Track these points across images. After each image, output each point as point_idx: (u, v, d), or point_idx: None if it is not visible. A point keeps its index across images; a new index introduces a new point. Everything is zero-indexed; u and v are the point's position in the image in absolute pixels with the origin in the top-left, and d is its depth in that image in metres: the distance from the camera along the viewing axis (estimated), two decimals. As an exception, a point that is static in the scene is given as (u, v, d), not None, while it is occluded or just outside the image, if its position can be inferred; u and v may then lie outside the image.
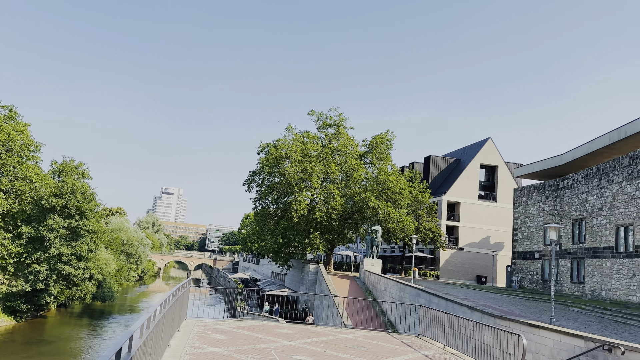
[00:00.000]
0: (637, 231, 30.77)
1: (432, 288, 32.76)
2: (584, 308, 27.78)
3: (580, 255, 36.77)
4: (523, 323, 13.70)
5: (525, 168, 48.16)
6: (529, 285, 43.72)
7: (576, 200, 38.21)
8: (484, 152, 63.72)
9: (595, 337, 10.84)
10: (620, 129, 34.74)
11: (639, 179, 31.05)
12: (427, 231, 54.01)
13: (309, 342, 13.51)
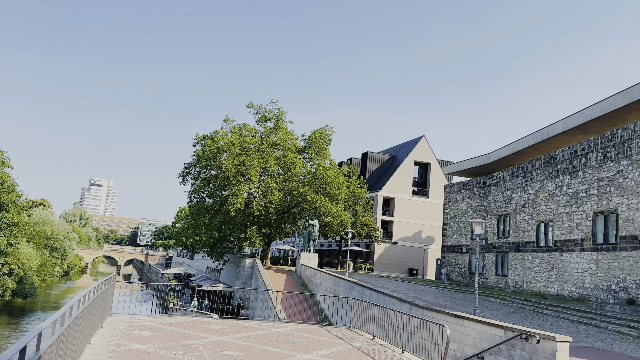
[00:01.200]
0: (556, 227, 32.85)
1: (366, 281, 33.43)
2: (507, 299, 29.36)
3: (505, 249, 38.81)
4: (448, 314, 14.24)
5: (456, 166, 50.12)
6: (457, 277, 45.64)
7: (501, 197, 40.23)
8: (418, 149, 65.72)
9: (513, 327, 11.42)
10: (542, 130, 36.90)
11: (559, 178, 33.14)
12: (363, 226, 55.02)
13: (240, 337, 13.35)
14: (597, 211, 28.94)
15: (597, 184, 29.25)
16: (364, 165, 69.09)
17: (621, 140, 27.66)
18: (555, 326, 19.22)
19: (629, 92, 28.39)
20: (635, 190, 26.13)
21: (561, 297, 30.25)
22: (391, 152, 72.55)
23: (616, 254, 27.02)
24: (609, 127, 31.72)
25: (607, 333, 17.87)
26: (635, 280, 25.36)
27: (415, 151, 65.58)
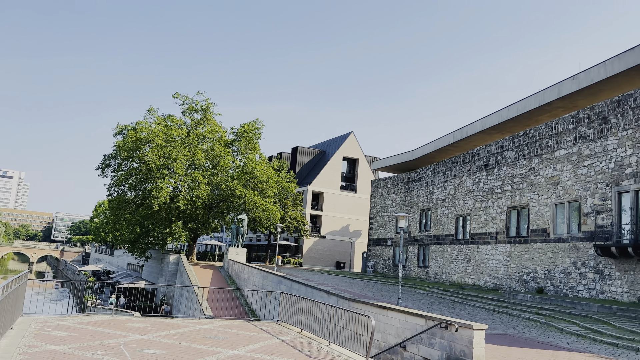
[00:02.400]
0: (473, 221, 34.72)
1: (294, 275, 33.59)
2: (428, 290, 30.68)
3: (426, 242, 40.49)
4: (373, 305, 14.62)
5: (382, 162, 51.54)
6: (382, 269, 47.05)
7: (424, 192, 41.91)
8: (346, 145, 66.87)
9: (434, 316, 11.94)
10: (462, 129, 38.79)
11: (476, 174, 35.03)
12: (293, 220, 55.20)
13: (164, 335, 12.94)
14: (511, 206, 30.92)
15: (511, 180, 31.23)
16: (294, 159, 69.27)
17: (533, 140, 29.69)
18: (472, 315, 20.34)
19: (540, 95, 30.51)
20: (545, 187, 28.18)
21: (478, 287, 32.07)
22: (321, 147, 73.28)
23: (527, 246, 29.03)
24: (522, 127, 33.93)
25: (518, 320, 19.17)
26: (544, 270, 27.41)
27: (344, 147, 66.68)
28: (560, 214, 26.97)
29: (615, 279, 22.78)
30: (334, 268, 59.50)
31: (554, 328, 16.91)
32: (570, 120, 26.90)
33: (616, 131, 23.73)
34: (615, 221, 23.17)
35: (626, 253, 21.76)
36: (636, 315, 18.06)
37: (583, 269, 24.70)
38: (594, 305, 20.39)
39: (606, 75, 25.47)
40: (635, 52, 23.64)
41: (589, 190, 24.90)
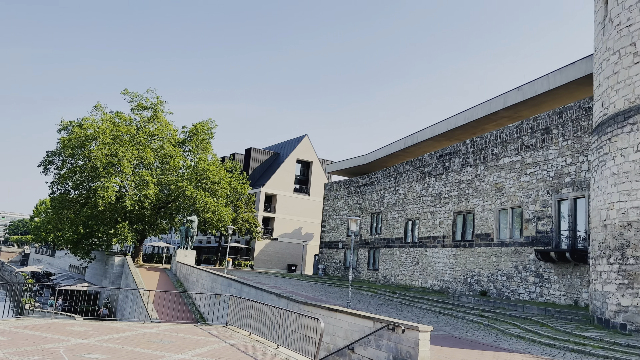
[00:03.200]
0: (422, 225, 35.55)
1: (245, 278, 33.26)
2: (377, 292, 31.14)
3: (377, 245, 41.11)
4: (323, 308, 14.69)
5: (336, 165, 51.96)
6: (333, 272, 47.37)
7: (375, 196, 42.56)
8: (300, 147, 66.96)
9: (382, 318, 12.12)
10: (413, 136, 39.69)
11: (426, 180, 35.91)
12: (245, 222, 54.65)
13: (107, 339, 12.49)
14: (457, 211, 31.88)
15: (457, 186, 32.21)
16: (248, 161, 68.69)
17: (479, 148, 30.76)
18: (418, 317, 20.80)
19: (487, 105, 31.66)
20: (489, 193, 29.24)
21: (425, 290, 32.84)
22: (275, 149, 73.02)
23: (472, 250, 30.01)
24: (469, 135, 35.09)
25: (463, 322, 19.77)
26: (487, 273, 28.40)
27: (299, 149, 66.74)
28: (503, 220, 28.05)
29: (554, 282, 23.91)
30: (286, 271, 59.36)
31: (496, 330, 17.55)
32: (515, 129, 28.06)
33: (557, 141, 24.95)
34: (555, 227, 24.34)
35: (564, 258, 22.88)
36: (572, 317, 19.02)
37: (524, 272, 25.77)
38: (533, 308, 21.32)
39: (549, 87, 26.74)
40: (576, 66, 24.96)
41: (530, 197, 26.04)
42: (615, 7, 17.76)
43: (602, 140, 17.76)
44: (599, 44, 18.94)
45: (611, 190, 16.82)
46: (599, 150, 17.95)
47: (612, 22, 17.82)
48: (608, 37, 18.06)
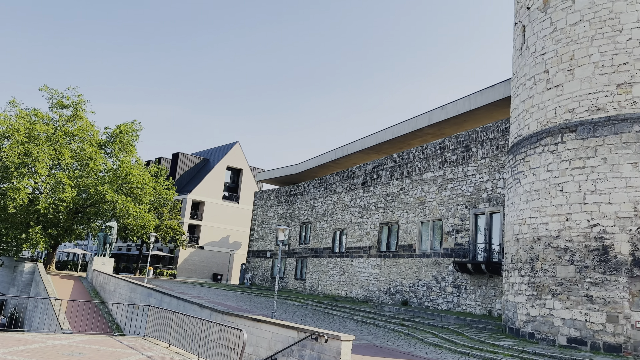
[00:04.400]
0: (349, 235, 36.13)
1: (166, 287, 32.10)
2: (303, 302, 31.17)
3: (305, 255, 41.25)
4: (247, 318, 14.48)
5: (266, 173, 51.71)
6: (260, 282, 46.90)
7: (305, 205, 42.77)
8: (231, 154, 66.01)
9: (305, 328, 12.14)
10: (343, 147, 40.40)
11: (354, 191, 36.61)
12: (169, 229, 52.83)
13: (11, 352, 11.55)
14: (383, 222, 32.74)
15: (384, 198, 33.12)
16: (174, 166, 66.65)
17: (405, 162, 31.86)
18: (342, 326, 21.04)
19: (413, 122, 32.90)
20: (413, 206, 30.30)
21: (350, 299, 33.32)
22: (204, 155, 71.45)
23: (396, 260, 30.89)
24: (396, 149, 36.27)
25: (385, 331, 20.23)
26: (409, 283, 29.32)
27: (229, 156, 65.74)
28: (425, 232, 29.15)
29: (470, 293, 25.11)
30: (211, 280, 57.99)
31: (415, 339, 18.11)
32: (438, 146, 29.35)
33: (476, 159, 26.37)
34: (472, 240, 25.62)
35: (480, 269, 24.12)
36: (486, 327, 20.04)
37: (443, 283, 26.87)
38: (451, 317, 22.24)
39: (470, 107, 28.27)
40: (495, 89, 26.59)
41: (450, 211, 27.27)
42: (531, 35, 19.16)
43: (516, 160, 18.98)
44: (516, 69, 20.31)
45: (523, 206, 17.99)
46: (514, 169, 19.16)
47: (529, 50, 19.19)
48: (525, 63, 19.42)
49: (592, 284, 15.34)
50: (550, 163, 17.09)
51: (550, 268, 16.49)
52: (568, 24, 17.52)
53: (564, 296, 15.91)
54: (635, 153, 15.25)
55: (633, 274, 14.68)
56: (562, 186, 16.51)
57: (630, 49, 15.99)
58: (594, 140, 16.03)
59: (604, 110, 16.08)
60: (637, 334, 14.40)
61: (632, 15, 16.13)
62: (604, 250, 15.24)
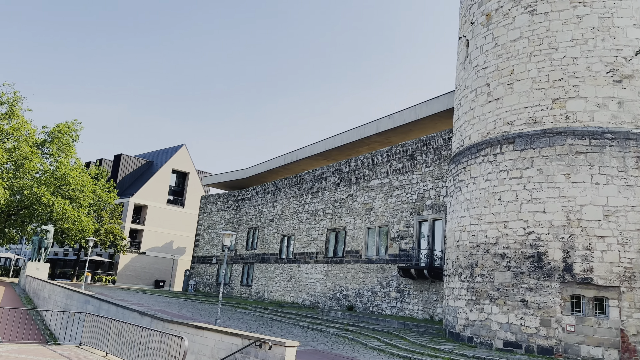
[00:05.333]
0: (297, 241, 36.10)
1: (105, 294, 30.86)
2: (249, 308, 30.81)
3: (252, 261, 40.82)
4: (189, 325, 14.14)
5: (214, 177, 50.88)
6: (204, 288, 45.97)
7: (253, 210, 42.39)
8: (177, 157, 64.45)
9: (249, 335, 11.98)
10: (293, 153, 40.41)
11: (303, 197, 36.65)
12: (109, 234, 50.87)
13: None
14: (331, 228, 32.97)
15: (332, 204, 33.36)
16: (116, 168, 64.29)
17: (353, 169, 32.26)
18: (288, 332, 20.95)
19: (361, 129, 33.40)
20: (360, 212, 30.69)
21: (296, 305, 33.25)
22: (148, 158, 69.37)
23: (342, 266, 31.14)
24: (345, 156, 36.68)
25: (329, 337, 20.31)
26: (355, 289, 29.62)
27: (175, 159, 64.14)
28: (371, 238, 29.59)
29: (413, 297, 25.68)
30: (153, 287, 56.25)
31: (359, 343, 18.29)
32: (385, 154, 29.94)
33: (420, 167, 27.09)
34: (416, 246, 26.25)
35: (422, 275, 24.72)
36: (427, 331, 20.54)
37: (387, 288, 27.34)
38: (394, 322, 22.64)
39: (416, 117, 29.04)
40: (440, 100, 27.45)
41: (396, 218, 27.83)
42: (474, 50, 19.94)
43: (458, 169, 19.64)
44: (459, 82, 21.06)
45: (464, 214, 18.63)
46: (455, 178, 19.82)
47: (472, 63, 19.96)
48: (467, 77, 20.17)
49: (527, 289, 16.06)
50: (489, 173, 17.80)
51: (488, 274, 17.13)
52: (509, 40, 18.38)
53: (501, 301, 16.57)
54: (568, 165, 16.15)
55: (565, 280, 15.50)
56: (500, 195, 17.23)
57: (565, 66, 16.96)
58: (530, 152, 16.85)
59: (540, 124, 16.94)
60: (568, 336, 15.20)
61: (567, 35, 17.13)
62: (539, 257, 16.01)
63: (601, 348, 14.82)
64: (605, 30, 16.76)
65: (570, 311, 15.38)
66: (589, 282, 15.22)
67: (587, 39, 16.84)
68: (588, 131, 16.13)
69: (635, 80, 16.34)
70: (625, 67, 16.43)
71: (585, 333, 15.05)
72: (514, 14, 18.37)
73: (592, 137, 16.05)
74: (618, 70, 16.44)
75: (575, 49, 16.90)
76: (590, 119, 16.29)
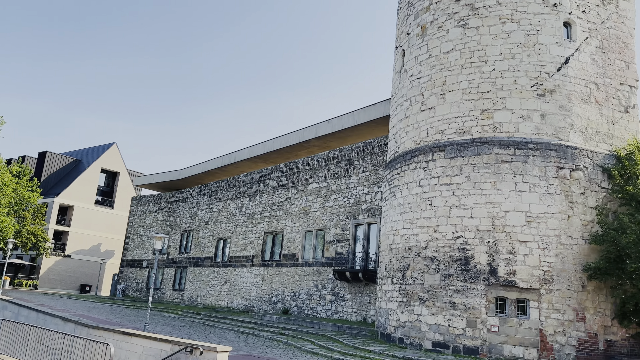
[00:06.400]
0: (233, 244, 35.58)
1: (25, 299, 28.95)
2: (180, 314, 29.98)
3: (185, 264, 39.78)
4: (116, 332, 13.57)
5: (146, 178, 49.17)
6: (134, 293, 44.25)
7: (188, 213, 41.36)
8: (107, 156, 61.65)
9: (179, 341, 11.68)
10: (231, 155, 39.84)
11: (240, 199, 36.21)
12: (31, 235, 47.75)
13: None
14: (268, 231, 32.77)
15: (270, 207, 33.20)
16: (41, 166, 60.56)
17: (292, 172, 32.28)
18: (220, 337, 20.57)
19: (301, 133, 33.50)
20: (298, 215, 30.74)
21: (231, 310, 32.74)
22: (76, 156, 65.88)
23: (279, 269, 31.03)
24: (284, 159, 36.63)
25: (264, 341, 20.14)
26: (291, 292, 29.59)
27: (104, 158, 61.31)
28: (308, 241, 29.71)
29: (348, 300, 26.02)
30: (78, 292, 53.44)
31: (293, 347, 18.28)
32: (323, 158, 30.20)
33: (357, 172, 27.56)
34: (351, 249, 26.63)
35: (357, 278, 25.11)
36: (360, 333, 20.87)
37: (323, 291, 27.53)
38: (329, 325, 22.83)
39: (354, 123, 29.52)
40: (377, 107, 28.07)
41: (333, 221, 28.13)
42: (410, 60, 20.58)
43: (393, 175, 20.16)
44: (395, 90, 21.65)
45: (397, 218, 19.13)
46: (390, 183, 20.33)
47: (407, 73, 20.58)
48: (403, 86, 20.77)
49: (455, 291, 16.72)
50: (421, 179, 18.40)
51: (419, 276, 17.68)
52: (442, 52, 19.12)
53: (431, 303, 17.15)
54: (494, 173, 17.01)
55: (489, 282, 16.28)
56: (432, 200, 17.86)
57: (494, 79, 17.87)
58: (459, 160, 17.59)
59: (470, 133, 17.74)
60: (492, 337, 15.96)
61: (496, 49, 18.06)
62: (466, 260, 16.72)
63: (522, 347, 15.68)
64: (530, 46, 17.83)
65: (494, 312, 16.17)
66: (512, 285, 16.08)
67: (514, 54, 17.85)
68: (513, 141, 17.07)
69: (556, 94, 17.49)
70: (548, 82, 17.55)
71: (508, 333, 15.87)
72: (447, 27, 19.14)
73: (516, 147, 17.00)
74: (541, 84, 17.53)
75: (503, 62, 17.86)
76: (515, 129, 17.25)
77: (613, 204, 17.18)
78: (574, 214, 16.63)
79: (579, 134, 17.39)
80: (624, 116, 18.48)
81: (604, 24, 18.83)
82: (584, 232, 16.64)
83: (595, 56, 18.35)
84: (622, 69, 18.85)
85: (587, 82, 17.97)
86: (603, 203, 17.06)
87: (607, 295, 16.56)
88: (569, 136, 17.23)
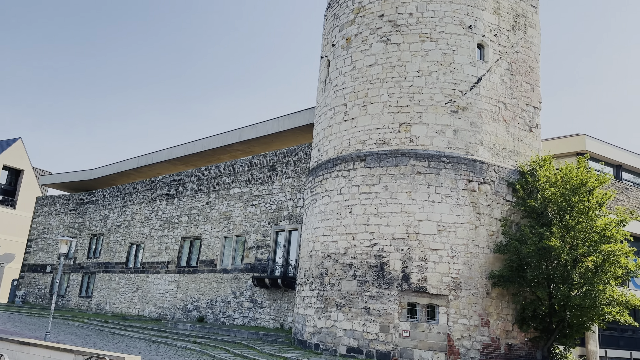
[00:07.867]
0: (147, 249, 34.12)
1: None
2: (87, 322, 28.25)
3: (93, 270, 37.57)
4: (12, 341, 12.51)
5: (53, 177, 46.03)
6: (35, 300, 41.11)
7: (98, 215, 39.16)
8: (10, 152, 56.85)
9: (84, 351, 11.00)
10: (148, 155, 38.27)
11: (156, 203, 34.85)
12: None
13: None
14: (186, 236, 31.79)
15: (188, 212, 32.24)
16: None
17: (213, 176, 31.61)
18: (130, 346, 19.61)
19: (224, 136, 32.94)
20: (218, 220, 30.12)
21: (142, 318, 31.30)
22: (-27, 150, 60.19)
23: (195, 276, 30.16)
24: (205, 162, 35.77)
25: (176, 350, 19.45)
26: (207, 300, 28.86)
27: (7, 154, 56.48)
28: (228, 247, 29.18)
29: (266, 307, 25.83)
30: (-30, 298, 48.64)
31: (207, 355, 17.82)
32: (246, 163, 29.89)
33: (280, 178, 27.55)
34: (272, 256, 26.50)
35: (276, 284, 25.01)
36: (277, 340, 20.79)
37: (241, 298, 27.13)
38: (245, 332, 22.51)
39: (278, 129, 29.51)
40: (302, 115, 28.27)
41: (254, 227, 27.86)
42: (334, 70, 20.97)
43: (315, 182, 20.37)
44: (320, 99, 21.95)
45: (318, 225, 19.34)
46: (312, 190, 20.53)
47: (332, 83, 20.95)
48: (327, 95, 21.11)
49: (370, 297, 17.15)
50: (342, 187, 18.76)
51: (337, 282, 17.95)
52: (365, 64, 19.68)
53: (347, 308, 17.46)
54: (410, 183, 17.71)
55: (402, 289, 16.88)
56: (351, 208, 18.25)
57: (412, 94, 18.65)
58: (379, 170, 18.15)
59: (389, 144, 18.36)
60: (404, 341, 16.52)
61: (414, 65, 18.88)
62: (381, 267, 17.23)
63: (431, 352, 16.38)
64: (446, 64, 18.83)
65: (406, 318, 16.77)
66: (423, 291, 16.78)
67: (431, 71, 18.76)
68: (428, 154, 17.90)
69: (468, 112, 18.58)
70: (461, 100, 18.61)
71: (418, 338, 16.51)
72: (370, 41, 19.75)
73: (431, 160, 17.84)
74: (455, 102, 18.55)
75: (421, 79, 18.71)
76: (430, 143, 18.10)
77: (516, 216, 18.50)
78: (481, 224, 17.70)
79: (487, 149, 18.58)
80: (528, 135, 20.01)
81: (513, 47, 20.33)
82: (489, 242, 17.75)
83: (504, 77, 19.73)
84: (528, 90, 20.43)
85: (497, 101, 19.27)
86: (507, 215, 18.32)
87: (509, 302, 17.74)
88: (479, 151, 18.35)
